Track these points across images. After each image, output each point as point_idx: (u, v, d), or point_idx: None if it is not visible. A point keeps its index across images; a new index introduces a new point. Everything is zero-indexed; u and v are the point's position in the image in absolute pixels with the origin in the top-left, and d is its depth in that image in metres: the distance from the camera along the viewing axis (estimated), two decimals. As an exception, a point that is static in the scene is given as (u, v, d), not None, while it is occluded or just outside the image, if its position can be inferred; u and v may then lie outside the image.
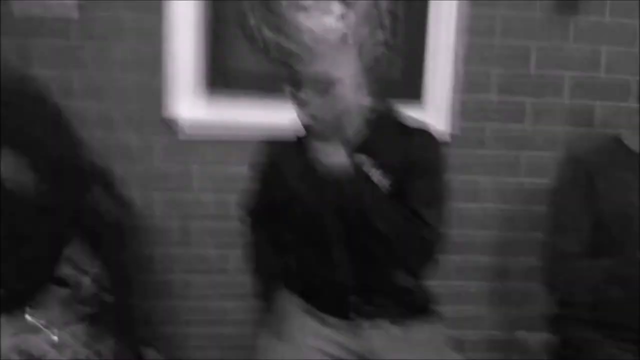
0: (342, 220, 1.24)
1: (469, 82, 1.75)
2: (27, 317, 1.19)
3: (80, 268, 1.26)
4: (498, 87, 1.77)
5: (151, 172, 1.71)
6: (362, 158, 1.20)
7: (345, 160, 1.17)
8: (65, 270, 1.24)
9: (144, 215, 1.71)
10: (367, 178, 1.20)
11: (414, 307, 1.34)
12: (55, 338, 1.22)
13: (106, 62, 1.64)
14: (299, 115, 1.21)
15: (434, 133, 1.29)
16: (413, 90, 1.73)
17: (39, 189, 1.22)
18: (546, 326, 1.53)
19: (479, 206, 1.83)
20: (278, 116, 1.33)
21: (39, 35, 1.60)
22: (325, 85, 1.16)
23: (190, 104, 1.66)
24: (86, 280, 1.27)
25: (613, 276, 1.24)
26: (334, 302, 1.30)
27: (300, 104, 1.18)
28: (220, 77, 1.67)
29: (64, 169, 1.24)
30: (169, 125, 1.67)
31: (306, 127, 1.22)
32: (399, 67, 1.72)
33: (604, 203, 1.31)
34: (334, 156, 1.16)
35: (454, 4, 1.69)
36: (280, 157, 1.33)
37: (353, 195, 1.17)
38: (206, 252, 1.78)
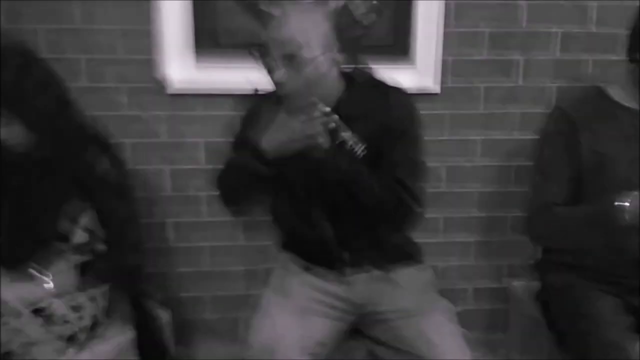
0: (321, 185, 1.25)
1: (458, 39, 1.74)
2: (31, 270, 1.25)
3: (79, 224, 1.31)
4: (487, 43, 1.76)
5: (145, 133, 1.72)
6: (338, 123, 1.16)
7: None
8: (65, 226, 1.29)
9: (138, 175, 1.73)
10: (344, 149, 1.16)
11: (400, 256, 1.38)
12: (53, 287, 1.28)
13: (97, 25, 1.63)
14: (270, 83, 1.21)
15: (408, 93, 1.29)
16: (402, 48, 1.72)
17: (38, 150, 1.26)
18: (531, 273, 1.58)
19: (469, 160, 1.85)
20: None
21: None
22: (292, 54, 1.14)
23: (180, 65, 1.65)
24: (84, 235, 1.32)
25: (593, 223, 1.27)
26: (324, 257, 1.35)
27: (270, 71, 1.18)
28: (209, 38, 1.67)
29: (61, 130, 1.26)
30: (161, 87, 1.67)
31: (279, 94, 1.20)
32: (387, 25, 1.70)
33: (585, 153, 1.33)
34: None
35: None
36: (260, 110, 1.31)
37: (330, 167, 1.18)
38: (200, 209, 1.81)
